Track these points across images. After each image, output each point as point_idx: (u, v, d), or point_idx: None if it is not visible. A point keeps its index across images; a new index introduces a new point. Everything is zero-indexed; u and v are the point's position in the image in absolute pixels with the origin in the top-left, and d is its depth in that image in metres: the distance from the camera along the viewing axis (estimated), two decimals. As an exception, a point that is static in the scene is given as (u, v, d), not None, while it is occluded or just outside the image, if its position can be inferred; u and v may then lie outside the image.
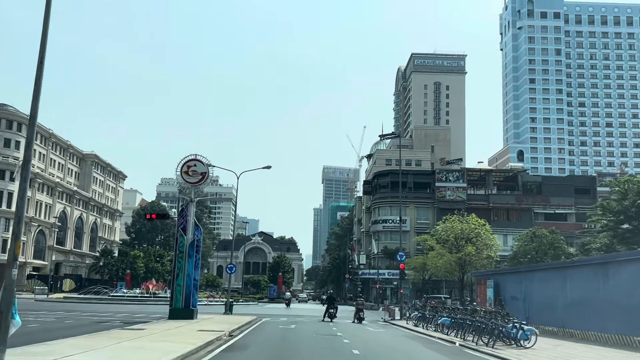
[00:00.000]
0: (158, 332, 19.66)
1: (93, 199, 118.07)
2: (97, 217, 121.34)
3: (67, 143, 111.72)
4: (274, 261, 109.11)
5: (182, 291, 28.11)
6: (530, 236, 56.91)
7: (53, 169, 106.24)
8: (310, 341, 19.65)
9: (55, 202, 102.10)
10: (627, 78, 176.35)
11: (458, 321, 22.61)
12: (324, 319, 33.31)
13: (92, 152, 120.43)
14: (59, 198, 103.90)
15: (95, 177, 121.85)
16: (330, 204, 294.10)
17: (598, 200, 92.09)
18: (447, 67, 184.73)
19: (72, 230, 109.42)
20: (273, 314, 42.82)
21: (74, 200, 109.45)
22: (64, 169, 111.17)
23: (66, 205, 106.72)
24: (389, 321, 36.17)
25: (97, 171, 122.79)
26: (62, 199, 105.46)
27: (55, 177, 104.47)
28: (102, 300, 55.26)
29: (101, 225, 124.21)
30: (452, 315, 24.28)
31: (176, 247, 28.80)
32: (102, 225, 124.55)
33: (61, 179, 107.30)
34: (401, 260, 38.78)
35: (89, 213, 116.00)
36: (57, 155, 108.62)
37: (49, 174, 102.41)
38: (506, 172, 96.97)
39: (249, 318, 31.29)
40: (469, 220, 54.53)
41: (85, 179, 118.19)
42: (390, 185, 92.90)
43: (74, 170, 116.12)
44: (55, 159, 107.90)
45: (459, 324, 22.26)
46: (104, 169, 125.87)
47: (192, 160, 29.63)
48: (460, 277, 54.18)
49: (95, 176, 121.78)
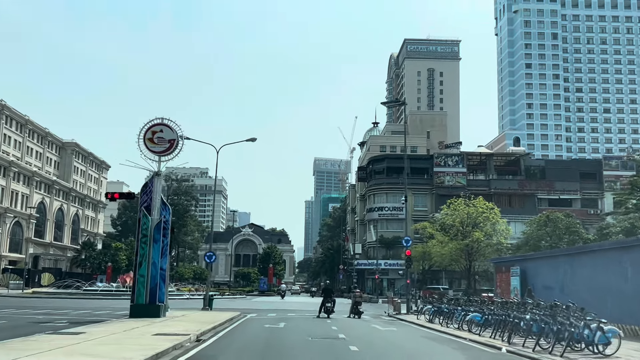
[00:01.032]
0: (99, 337, 14.56)
1: (74, 190, 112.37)
2: (78, 209, 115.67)
3: (46, 131, 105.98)
4: (264, 252, 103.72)
5: (146, 283, 22.90)
6: (544, 220, 51.81)
7: (30, 157, 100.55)
8: (304, 350, 14.53)
9: (33, 192, 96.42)
10: (625, 62, 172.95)
11: (495, 318, 17.51)
12: (320, 314, 28.26)
13: (72, 140, 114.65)
14: (37, 188, 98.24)
15: (77, 166, 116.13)
16: (322, 196, 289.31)
17: (604, 185, 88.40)
18: (440, 53, 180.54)
19: (51, 222, 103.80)
20: (261, 308, 37.71)
21: (54, 190, 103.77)
22: (43, 158, 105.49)
23: (45, 196, 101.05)
24: (394, 316, 31.17)
25: (79, 160, 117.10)
26: (41, 189, 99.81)
27: (33, 166, 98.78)
28: (72, 295, 50.21)
29: (83, 217, 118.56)
30: (484, 309, 19.13)
31: (138, 230, 23.55)
32: (84, 217, 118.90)
33: (39, 168, 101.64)
34: (407, 247, 33.82)
35: (69, 204, 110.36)
36: (35, 144, 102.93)
37: (26, 163, 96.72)
38: (508, 156, 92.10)
39: (230, 315, 26.16)
40: (476, 203, 49.53)
41: (66, 168, 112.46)
42: (386, 170, 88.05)
43: (54, 160, 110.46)
44: (33, 147, 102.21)
45: (498, 322, 17.19)
46: (86, 158, 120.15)
47: (158, 125, 24.31)
48: (467, 265, 49.26)
49: (77, 166, 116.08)
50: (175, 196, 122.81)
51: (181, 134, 24.55)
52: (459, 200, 50.42)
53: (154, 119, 24.43)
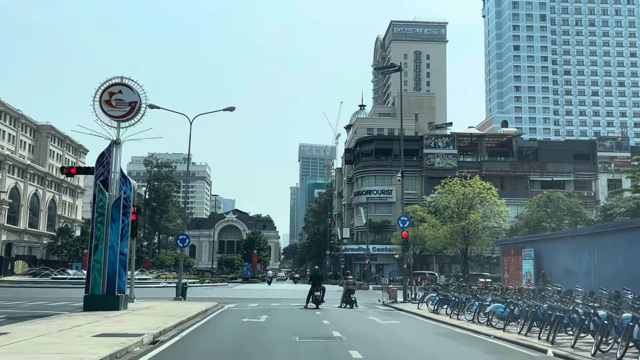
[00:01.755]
0: (19, 340, 11.11)
1: (50, 174, 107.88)
2: (55, 194, 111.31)
3: (19, 112, 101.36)
4: (248, 238, 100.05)
5: (103, 271, 19.39)
6: (544, 201, 48.68)
7: (2, 140, 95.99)
8: (289, 355, 11.14)
9: (5, 176, 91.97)
10: (613, 45, 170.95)
11: (525, 310, 14.12)
12: (307, 305, 24.86)
13: (47, 123, 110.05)
14: (10, 172, 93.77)
15: (53, 150, 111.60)
16: (307, 182, 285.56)
17: (598, 166, 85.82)
18: (427, 35, 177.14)
19: (26, 208, 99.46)
20: (242, 297, 34.28)
21: (28, 175, 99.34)
22: (16, 141, 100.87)
23: (19, 181, 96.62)
24: (390, 305, 27.89)
25: (54, 144, 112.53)
26: (14, 173, 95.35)
27: (5, 150, 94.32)
28: (40, 284, 46.49)
29: (60, 203, 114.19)
30: (507, 299, 15.75)
31: (94, 208, 19.99)
32: (61, 202, 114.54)
33: (12, 151, 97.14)
34: (404, 228, 30.50)
35: (45, 189, 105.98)
36: (7, 126, 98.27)
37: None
38: (500, 137, 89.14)
39: (204, 306, 22.71)
40: (473, 183, 46.33)
41: (41, 152, 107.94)
42: (375, 152, 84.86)
43: (28, 143, 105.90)
44: (5, 129, 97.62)
45: (528, 314, 13.83)
46: (62, 142, 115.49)
47: (116, 85, 20.67)
48: (463, 249, 46.16)
49: (52, 149, 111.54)
50: (156, 181, 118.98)
51: (146, 99, 20.94)
52: (454, 180, 47.23)
53: (112, 77, 20.79)
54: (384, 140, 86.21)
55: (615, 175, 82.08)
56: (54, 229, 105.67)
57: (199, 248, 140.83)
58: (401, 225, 29.83)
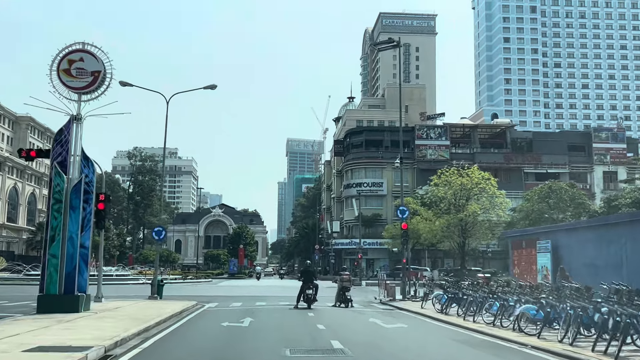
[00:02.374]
0: None
1: (29, 167, 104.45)
2: (35, 188, 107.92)
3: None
4: (234, 232, 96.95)
5: (60, 266, 16.62)
6: (545, 192, 46.16)
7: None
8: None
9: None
10: (604, 37, 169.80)
11: (571, 313, 11.42)
12: (298, 304, 22.18)
13: (27, 114, 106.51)
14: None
15: (32, 142, 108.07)
16: (295, 176, 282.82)
17: (594, 158, 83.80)
18: (416, 27, 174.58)
19: (4, 202, 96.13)
20: (225, 295, 31.52)
21: (6, 167, 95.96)
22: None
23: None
24: (388, 303, 25.27)
25: (34, 136, 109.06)
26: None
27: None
28: (9, 281, 43.60)
29: (41, 197, 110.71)
30: (541, 299, 13.13)
31: (50, 194, 17.22)
32: (42, 196, 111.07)
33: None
34: (403, 218, 27.87)
35: (25, 183, 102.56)
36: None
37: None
38: (493, 128, 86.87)
39: (180, 306, 19.99)
40: (471, 173, 43.82)
41: (20, 144, 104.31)
42: (365, 144, 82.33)
43: (6, 135, 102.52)
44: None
45: (569, 316, 11.15)
46: (42, 134, 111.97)
47: (77, 52, 17.82)
48: (460, 243, 43.69)
49: (32, 142, 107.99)
50: (140, 174, 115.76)
51: (111, 68, 18.07)
52: (451, 170, 44.68)
53: (73, 43, 17.94)
54: (374, 132, 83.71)
55: (611, 167, 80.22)
56: (35, 224, 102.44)
57: (184, 243, 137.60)
58: (400, 215, 27.20)
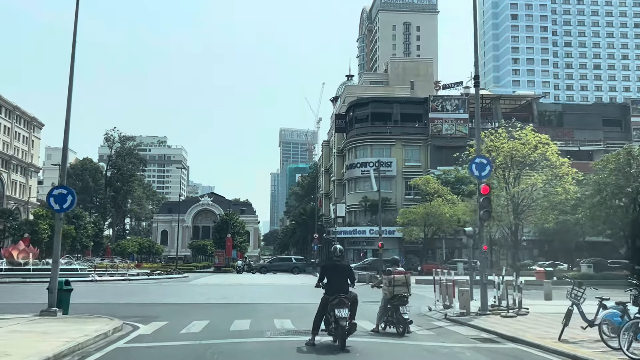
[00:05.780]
0: None
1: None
2: (3, 172, 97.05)
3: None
4: (221, 220, 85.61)
5: None
6: (624, 158, 35.07)
7: None
8: None
9: (-62, 150, 77.85)
10: (617, 14, 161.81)
11: None
12: (314, 339, 10.88)
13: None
14: (-56, 145, 79.64)
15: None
16: (288, 166, 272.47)
17: (632, 134, 73.70)
18: (417, 5, 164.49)
19: None
20: (187, 302, 20.72)
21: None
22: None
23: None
24: (466, 322, 14.47)
25: (1, 115, 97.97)
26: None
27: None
28: None
29: (9, 182, 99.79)
30: None
31: None
32: (10, 181, 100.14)
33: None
34: (480, 178, 16.91)
35: None
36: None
37: None
38: (517, 99, 76.74)
39: (74, 340, 9.43)
40: (524, 135, 33.21)
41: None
42: (371, 117, 72.15)
43: None
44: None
45: None
46: (11, 113, 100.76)
47: None
48: (513, 226, 33.19)
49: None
50: (119, 158, 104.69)
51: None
52: (500, 131, 33.99)
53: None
54: (382, 102, 73.38)
55: (653, 143, 70.28)
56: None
57: (171, 234, 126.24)
58: (476, 172, 16.22)
